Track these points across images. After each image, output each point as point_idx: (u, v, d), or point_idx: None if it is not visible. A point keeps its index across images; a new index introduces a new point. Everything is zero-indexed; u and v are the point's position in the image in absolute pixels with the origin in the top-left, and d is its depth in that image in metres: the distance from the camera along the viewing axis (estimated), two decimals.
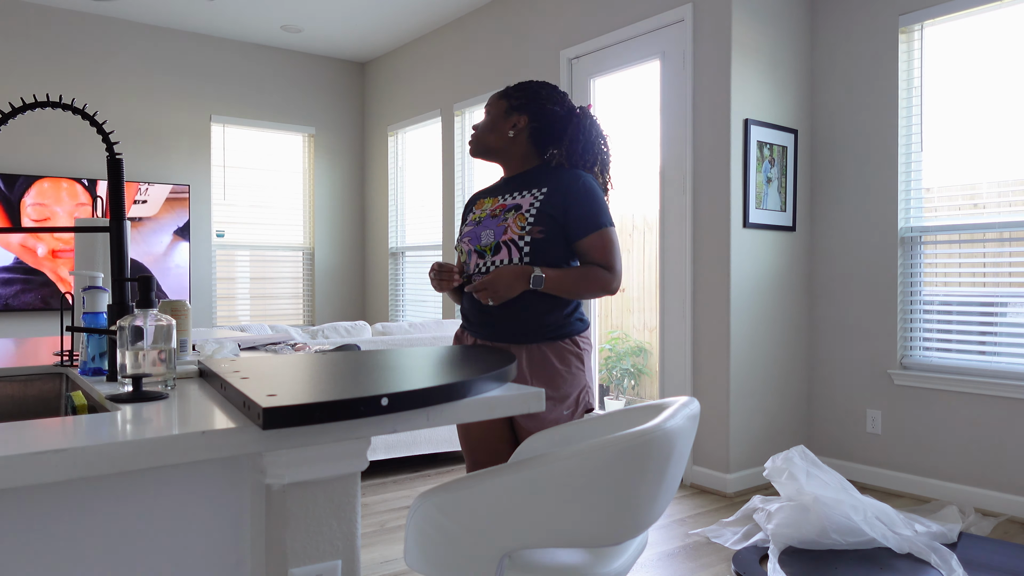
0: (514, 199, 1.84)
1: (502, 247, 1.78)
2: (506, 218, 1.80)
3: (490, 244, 1.81)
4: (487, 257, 1.81)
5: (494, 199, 1.90)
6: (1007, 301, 3.37)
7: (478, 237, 1.84)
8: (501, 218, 1.82)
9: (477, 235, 1.85)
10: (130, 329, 1.11)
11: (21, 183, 4.87)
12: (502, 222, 1.81)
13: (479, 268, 1.83)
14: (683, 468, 1.33)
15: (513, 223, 1.78)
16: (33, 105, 1.36)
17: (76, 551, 0.96)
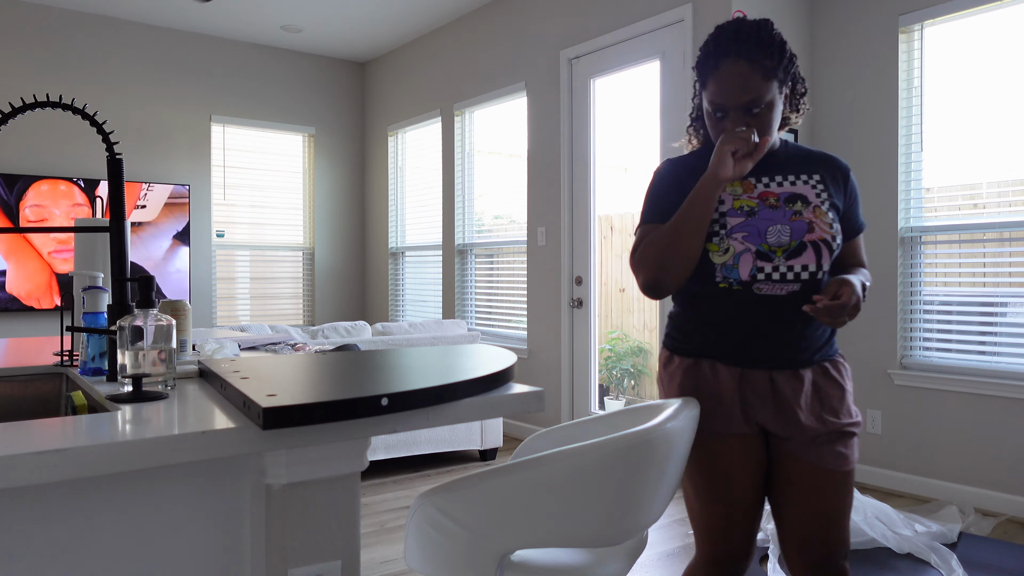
0: (785, 187, 1.46)
1: (808, 248, 1.40)
2: (799, 211, 1.42)
3: (785, 244, 1.40)
4: (777, 260, 1.40)
5: (747, 183, 1.47)
6: (1007, 301, 3.37)
7: (761, 233, 1.41)
8: (790, 211, 1.42)
9: (759, 230, 1.41)
10: (130, 329, 1.11)
11: (20, 184, 4.87)
12: (796, 216, 1.42)
13: (765, 273, 1.40)
14: (683, 468, 1.33)
15: (818, 219, 1.42)
16: (33, 105, 1.36)
17: (76, 551, 0.96)
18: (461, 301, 5.52)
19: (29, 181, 4.90)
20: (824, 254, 1.40)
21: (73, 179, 5.05)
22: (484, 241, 5.36)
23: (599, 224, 4.48)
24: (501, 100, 5.13)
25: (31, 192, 4.91)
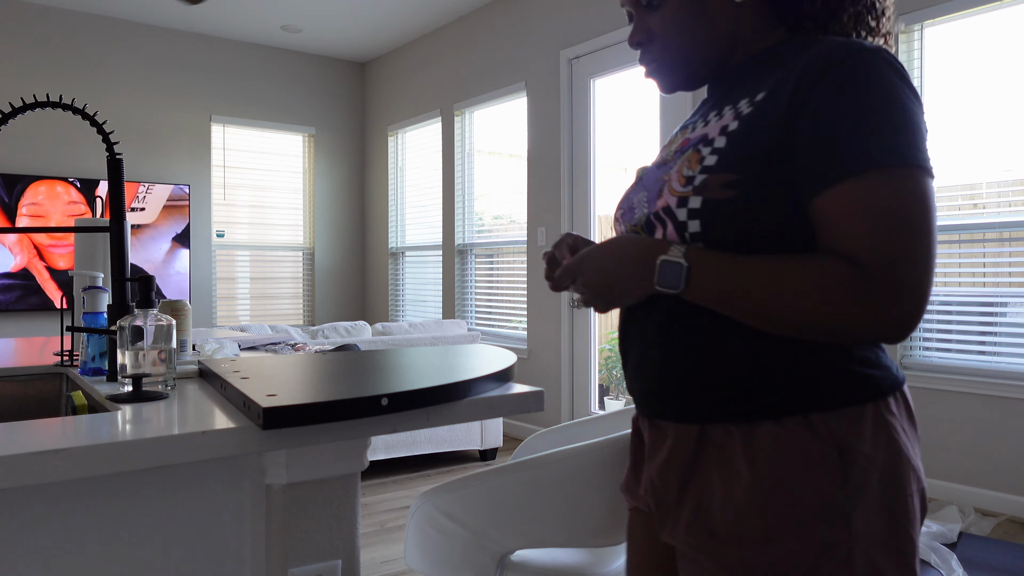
0: (704, 128, 0.92)
1: (656, 224, 0.90)
2: (677, 164, 0.90)
3: (642, 219, 0.93)
4: None
5: (689, 128, 0.97)
6: (1007, 301, 3.37)
7: (630, 206, 0.97)
8: (671, 165, 0.91)
9: (629, 203, 0.98)
10: (130, 329, 1.11)
11: (19, 184, 4.87)
12: (666, 174, 0.91)
13: None
14: None
15: (677, 173, 0.88)
16: (33, 105, 1.36)
17: (76, 551, 0.96)
18: (461, 301, 5.52)
19: (28, 181, 4.90)
20: (670, 230, 0.87)
21: (69, 179, 5.05)
22: (484, 241, 5.36)
23: (599, 224, 4.48)
24: (501, 100, 5.13)
25: (29, 192, 4.91)
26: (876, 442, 0.81)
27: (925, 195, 0.79)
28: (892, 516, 0.81)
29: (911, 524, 0.83)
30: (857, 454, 0.80)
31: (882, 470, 0.81)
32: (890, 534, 0.81)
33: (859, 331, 0.78)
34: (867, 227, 0.77)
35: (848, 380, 0.82)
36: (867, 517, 0.80)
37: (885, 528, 0.81)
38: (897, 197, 0.78)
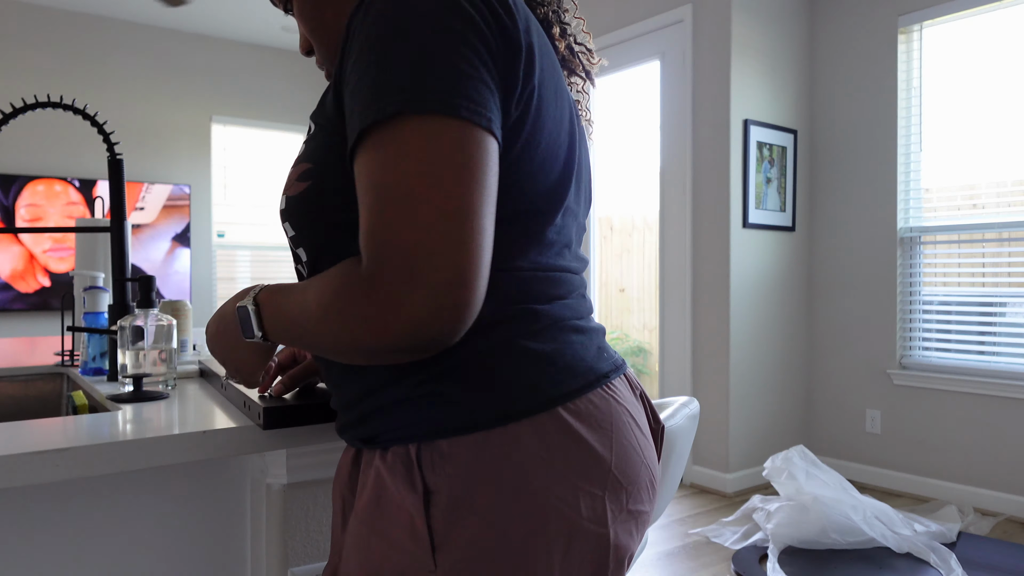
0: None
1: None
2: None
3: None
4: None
5: None
6: (1006, 301, 3.38)
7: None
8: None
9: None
10: (131, 329, 1.12)
11: (16, 184, 4.87)
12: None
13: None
14: (683, 468, 1.33)
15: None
16: (33, 105, 1.36)
17: (76, 551, 0.97)
18: None
19: (25, 181, 4.90)
20: (289, 235, 0.77)
21: (68, 179, 5.06)
22: None
23: (599, 224, 4.48)
24: None
25: (26, 192, 4.91)
26: (459, 482, 0.66)
27: (434, 150, 0.60)
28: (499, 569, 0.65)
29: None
30: (439, 495, 0.66)
31: (484, 513, 0.65)
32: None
33: (373, 346, 0.61)
34: (365, 210, 0.61)
35: (424, 411, 0.68)
36: (461, 564, 0.65)
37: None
38: (389, 165, 0.60)
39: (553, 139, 0.73)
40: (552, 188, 0.74)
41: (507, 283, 0.71)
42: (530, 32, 0.71)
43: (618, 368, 0.77)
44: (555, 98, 0.74)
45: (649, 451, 0.76)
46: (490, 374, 0.68)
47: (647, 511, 0.75)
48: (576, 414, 0.68)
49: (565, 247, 0.77)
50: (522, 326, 0.70)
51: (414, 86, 0.61)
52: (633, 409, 0.76)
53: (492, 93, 0.64)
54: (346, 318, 0.62)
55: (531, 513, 0.65)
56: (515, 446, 0.66)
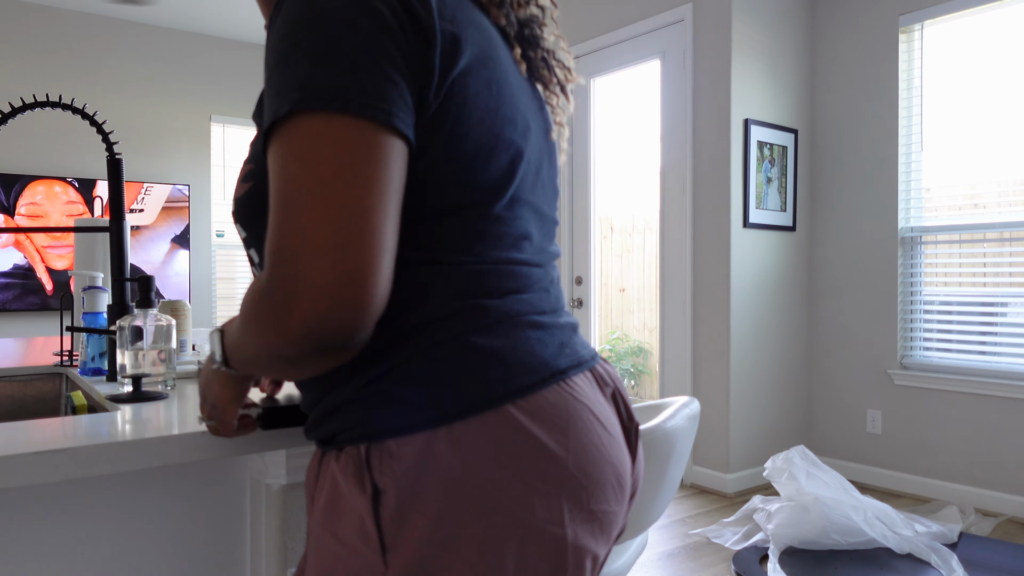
0: None
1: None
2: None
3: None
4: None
5: None
6: (1007, 301, 3.37)
7: None
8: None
9: None
10: (130, 329, 1.11)
11: (17, 184, 4.87)
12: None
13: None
14: (683, 468, 1.33)
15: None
16: (33, 105, 1.36)
17: (76, 551, 0.96)
18: None
19: (26, 181, 4.90)
20: (241, 236, 0.80)
21: (67, 179, 5.05)
22: None
23: (599, 224, 4.48)
24: None
25: (27, 192, 4.90)
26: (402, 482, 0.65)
27: (321, 149, 0.60)
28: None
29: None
30: (387, 495, 0.66)
31: (432, 514, 0.65)
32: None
33: (280, 352, 0.61)
34: (270, 212, 0.62)
35: (364, 414, 0.69)
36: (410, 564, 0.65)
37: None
38: (281, 166, 0.61)
39: (488, 130, 0.71)
40: (494, 180, 0.72)
41: (451, 278, 0.70)
42: (455, 22, 0.69)
43: (581, 364, 0.75)
44: (491, 89, 0.72)
45: (614, 450, 0.73)
46: (437, 372, 0.67)
47: (615, 511, 0.73)
48: (528, 411, 0.67)
49: (522, 240, 0.76)
50: (471, 322, 0.69)
51: (308, 83, 0.61)
52: (596, 406, 0.73)
53: (396, 86, 0.63)
54: (256, 327, 0.62)
55: (481, 513, 0.64)
56: (461, 445, 0.65)
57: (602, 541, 0.72)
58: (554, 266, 0.84)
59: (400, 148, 0.64)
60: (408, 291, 0.69)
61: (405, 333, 0.69)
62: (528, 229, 0.77)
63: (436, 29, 0.67)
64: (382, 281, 0.61)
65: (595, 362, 0.79)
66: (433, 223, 0.70)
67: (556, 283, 0.82)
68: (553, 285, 0.81)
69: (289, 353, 0.61)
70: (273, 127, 0.63)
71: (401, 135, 0.64)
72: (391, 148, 0.62)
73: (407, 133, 0.64)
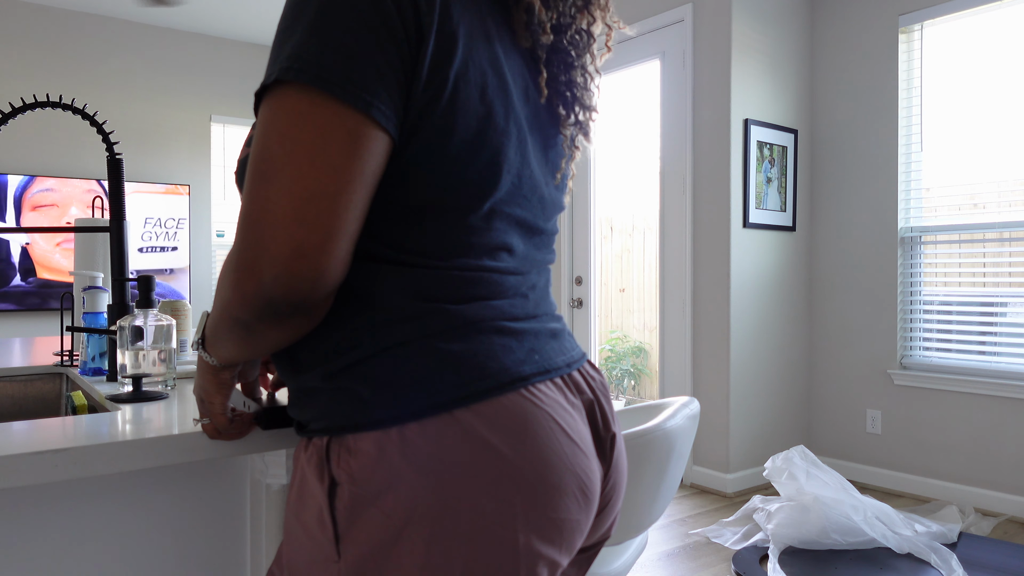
0: None
1: None
2: None
3: None
4: None
5: None
6: (1007, 301, 3.37)
7: None
8: None
9: None
10: (130, 329, 1.11)
11: (23, 183, 4.87)
12: None
13: None
14: (683, 468, 1.33)
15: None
16: (33, 105, 1.36)
17: (76, 551, 0.96)
18: None
19: (28, 181, 4.90)
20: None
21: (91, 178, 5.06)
22: None
23: (599, 224, 4.48)
24: None
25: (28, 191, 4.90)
26: (372, 475, 0.67)
27: (298, 127, 0.62)
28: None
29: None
30: (342, 488, 0.68)
31: (383, 509, 0.66)
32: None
33: (238, 312, 0.66)
34: (246, 178, 0.66)
35: (337, 404, 0.71)
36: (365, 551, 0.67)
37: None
38: (261, 135, 0.64)
39: (471, 135, 0.71)
40: (473, 187, 0.72)
41: (419, 280, 0.71)
42: (458, 24, 0.70)
43: (550, 371, 0.74)
44: (481, 94, 0.72)
45: (578, 458, 0.73)
46: (394, 372, 0.69)
47: (576, 519, 0.72)
48: (481, 416, 0.67)
49: (498, 250, 0.76)
50: (432, 325, 0.70)
51: (298, 55, 0.63)
52: (560, 414, 0.73)
53: (383, 77, 0.64)
54: (222, 286, 0.67)
55: (430, 513, 0.65)
56: (413, 446, 0.66)
57: (562, 549, 0.72)
58: (542, 272, 0.83)
59: (379, 139, 0.65)
60: (376, 289, 0.71)
61: (369, 330, 0.70)
62: (507, 241, 0.77)
63: (434, 25, 0.67)
64: (334, 261, 0.64)
65: (571, 369, 0.78)
66: (408, 225, 0.71)
67: (540, 289, 0.82)
68: (534, 291, 0.80)
69: (244, 315, 0.65)
70: (263, 91, 0.66)
71: (380, 127, 0.65)
72: (369, 139, 0.64)
73: (387, 126, 0.65)
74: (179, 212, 5.51)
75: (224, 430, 0.85)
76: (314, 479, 0.71)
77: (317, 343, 0.73)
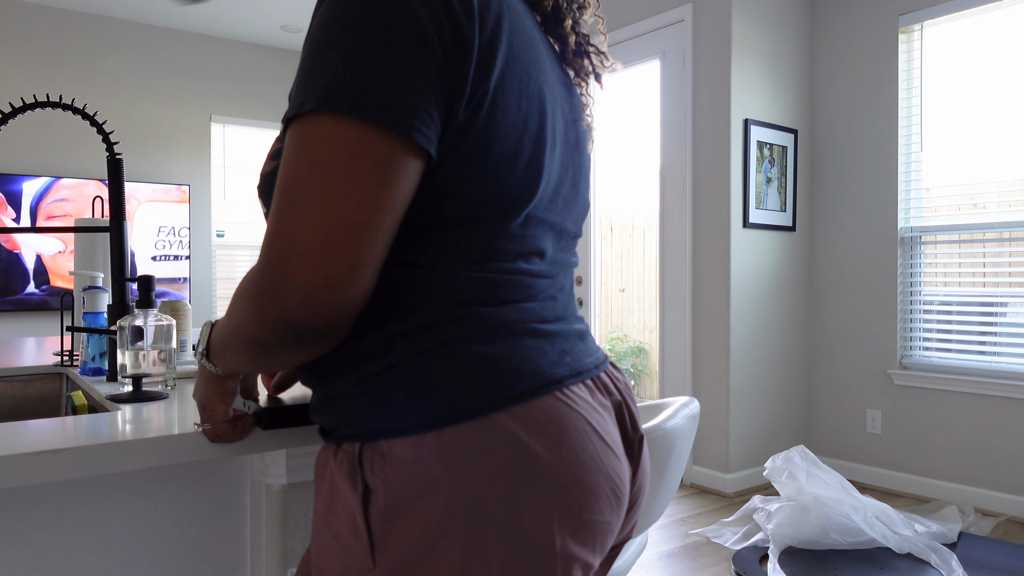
0: None
1: None
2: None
3: None
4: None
5: None
6: (1007, 301, 3.37)
7: None
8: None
9: None
10: (130, 329, 1.11)
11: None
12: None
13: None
14: (683, 468, 1.33)
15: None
16: (33, 105, 1.36)
17: (76, 551, 0.96)
18: None
19: (24, 180, 4.90)
20: (263, 211, 0.84)
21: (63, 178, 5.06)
22: None
23: (599, 224, 4.48)
24: None
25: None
26: (402, 481, 0.66)
27: (330, 153, 0.61)
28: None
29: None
30: (377, 495, 0.67)
31: (420, 515, 0.65)
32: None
33: (258, 336, 0.65)
34: (273, 201, 0.65)
35: (359, 411, 0.70)
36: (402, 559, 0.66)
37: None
38: (291, 160, 0.63)
39: (510, 145, 0.70)
40: (510, 197, 0.72)
41: (451, 284, 0.70)
42: (497, 31, 0.69)
43: (582, 373, 0.74)
44: (520, 104, 0.71)
45: (610, 460, 0.73)
46: (428, 376, 0.68)
47: (609, 521, 0.72)
48: (519, 419, 0.67)
49: (533, 255, 0.76)
50: (466, 328, 0.69)
51: (335, 85, 0.62)
52: (593, 416, 0.73)
53: (423, 99, 0.63)
54: (242, 306, 0.66)
55: (467, 518, 0.65)
56: (450, 451, 0.65)
57: (595, 550, 0.72)
58: (568, 274, 0.83)
59: (414, 164, 0.64)
60: (408, 294, 0.70)
61: (402, 335, 0.69)
62: (541, 246, 0.77)
63: (475, 41, 0.66)
64: (359, 289, 0.63)
65: (599, 371, 0.78)
66: (441, 231, 0.70)
67: (567, 291, 0.82)
68: (562, 293, 0.80)
69: (264, 337, 0.65)
70: (294, 119, 0.64)
71: (420, 149, 0.64)
72: (402, 165, 0.63)
73: (427, 147, 0.64)
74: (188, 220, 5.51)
75: (226, 436, 0.85)
76: (346, 486, 0.69)
77: (347, 349, 0.72)
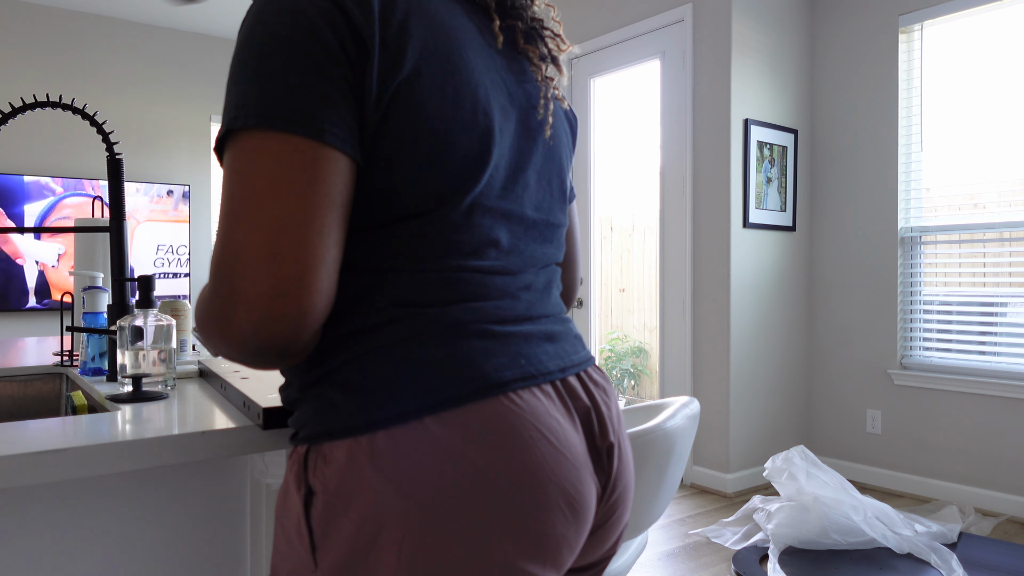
0: None
1: None
2: None
3: None
4: None
5: None
6: (1007, 301, 3.37)
7: None
8: None
9: None
10: (130, 329, 1.11)
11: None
12: None
13: None
14: (683, 468, 1.33)
15: None
16: (33, 105, 1.36)
17: (76, 551, 0.96)
18: None
19: (21, 179, 4.90)
20: None
21: (60, 178, 5.05)
22: None
23: (599, 224, 4.48)
24: None
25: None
26: (340, 484, 0.66)
27: (254, 166, 0.63)
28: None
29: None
30: (317, 497, 0.67)
31: (355, 517, 0.65)
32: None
33: (229, 355, 0.66)
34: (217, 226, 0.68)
35: (316, 412, 0.70)
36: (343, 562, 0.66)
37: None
38: (225, 183, 0.65)
39: (440, 138, 0.70)
40: (447, 189, 0.71)
41: (393, 285, 0.70)
42: (405, 27, 0.68)
43: (535, 377, 0.71)
44: (445, 94, 0.70)
45: (564, 469, 0.69)
46: (365, 379, 0.67)
47: (563, 533, 0.69)
48: (451, 424, 0.65)
49: (485, 247, 0.74)
50: (407, 330, 0.69)
51: (244, 102, 0.64)
52: (545, 422, 0.69)
53: (331, 102, 0.64)
54: (203, 333, 0.67)
55: (398, 522, 0.64)
56: (382, 455, 0.65)
57: (547, 565, 0.68)
58: (541, 271, 0.81)
59: (339, 162, 0.65)
60: (349, 297, 0.70)
61: (343, 338, 0.70)
62: (493, 236, 0.75)
63: (376, 39, 0.66)
64: (317, 294, 0.62)
65: (566, 374, 0.75)
66: (382, 231, 0.70)
67: (536, 289, 0.79)
68: (528, 291, 0.78)
69: (234, 356, 0.65)
70: (220, 144, 0.66)
71: (337, 151, 0.65)
72: (327, 162, 0.64)
73: (342, 148, 0.65)
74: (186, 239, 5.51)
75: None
76: (293, 488, 0.70)
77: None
